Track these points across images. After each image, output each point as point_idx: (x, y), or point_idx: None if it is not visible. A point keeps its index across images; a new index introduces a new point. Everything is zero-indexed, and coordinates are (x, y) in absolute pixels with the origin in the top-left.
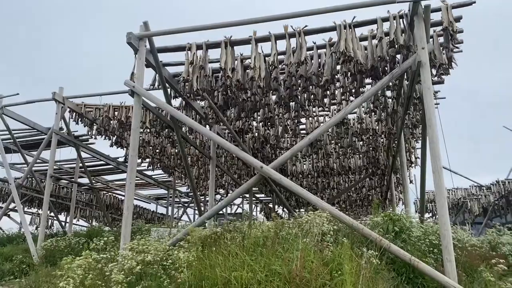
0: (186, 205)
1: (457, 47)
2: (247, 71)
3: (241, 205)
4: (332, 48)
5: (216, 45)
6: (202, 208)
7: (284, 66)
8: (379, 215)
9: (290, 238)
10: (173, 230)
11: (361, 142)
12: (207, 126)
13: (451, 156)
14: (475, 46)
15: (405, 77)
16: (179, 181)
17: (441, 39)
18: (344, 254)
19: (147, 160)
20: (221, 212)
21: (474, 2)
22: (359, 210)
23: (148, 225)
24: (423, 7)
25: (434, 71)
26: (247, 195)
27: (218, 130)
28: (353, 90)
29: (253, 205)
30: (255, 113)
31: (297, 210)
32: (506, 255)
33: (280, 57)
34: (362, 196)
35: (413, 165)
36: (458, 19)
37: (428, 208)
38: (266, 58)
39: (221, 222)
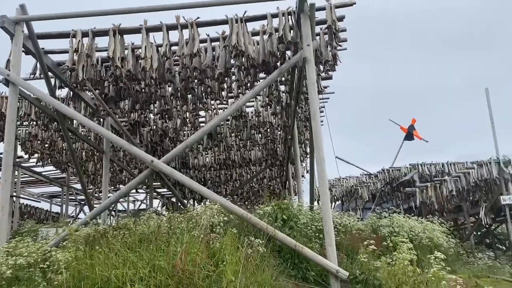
0: (83, 203)
1: (340, 45)
2: (140, 61)
3: (144, 201)
4: (225, 41)
5: (104, 32)
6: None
7: (178, 57)
8: (269, 205)
9: (177, 232)
10: (59, 230)
11: (259, 135)
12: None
13: (346, 147)
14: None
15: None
16: (74, 177)
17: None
18: (226, 245)
19: (36, 155)
20: (123, 209)
21: (355, 3)
22: (262, 200)
23: (38, 226)
24: (308, 5)
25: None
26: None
27: (113, 123)
28: (249, 84)
29: (163, 200)
30: (151, 105)
31: (202, 203)
32: (385, 237)
33: (174, 48)
34: (264, 187)
35: (308, 156)
36: (341, 19)
37: None
38: (159, 48)
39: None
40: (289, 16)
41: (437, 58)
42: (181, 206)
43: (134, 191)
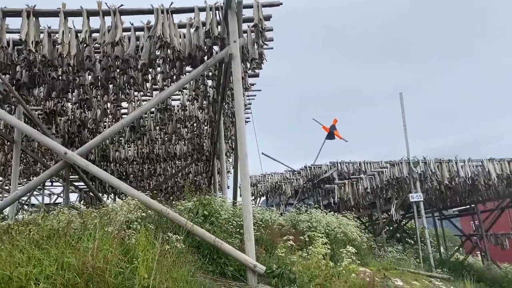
0: None
1: (266, 44)
2: (57, 46)
3: (61, 195)
4: (149, 31)
5: (16, 13)
6: None
7: (99, 45)
8: (191, 200)
9: (90, 228)
10: None
11: (185, 129)
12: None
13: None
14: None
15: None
16: None
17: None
18: (141, 241)
19: None
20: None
21: (281, 4)
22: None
23: None
24: (236, 2)
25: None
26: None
27: (27, 111)
28: (174, 77)
29: (81, 194)
30: (69, 94)
31: (124, 198)
32: (304, 231)
33: (95, 35)
34: (189, 182)
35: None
36: (267, 18)
37: (251, 192)
38: (78, 34)
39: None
40: (217, 11)
41: (361, 60)
42: (98, 201)
43: (50, 184)
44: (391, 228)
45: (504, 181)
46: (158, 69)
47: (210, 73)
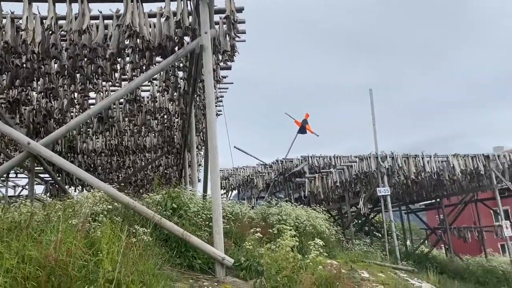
0: None
1: (238, 37)
2: (20, 33)
3: (26, 187)
4: (118, 20)
5: None
6: None
7: (65, 32)
8: (160, 193)
9: (54, 220)
10: None
11: (155, 121)
12: None
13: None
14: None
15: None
16: None
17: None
18: (105, 234)
19: None
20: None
21: None
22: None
23: None
24: None
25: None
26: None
27: None
28: (144, 67)
29: (47, 186)
30: (34, 82)
31: (91, 190)
32: (274, 224)
33: (61, 22)
34: (159, 175)
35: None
36: (240, 10)
37: (222, 185)
38: (44, 21)
39: None
40: (188, 1)
41: (336, 55)
42: (64, 193)
43: (14, 176)
44: (359, 221)
45: (468, 176)
46: (127, 59)
47: (181, 64)
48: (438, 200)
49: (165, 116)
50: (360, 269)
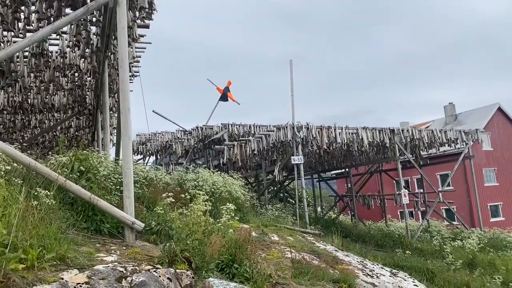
0: None
1: None
2: None
3: None
4: None
5: None
6: None
7: None
8: (67, 155)
9: None
10: None
11: (65, 78)
12: None
13: (166, 102)
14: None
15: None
16: None
17: None
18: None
19: None
20: None
21: None
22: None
23: None
24: None
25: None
26: None
27: None
28: (52, 19)
29: None
30: None
31: None
32: (188, 189)
33: None
34: (70, 137)
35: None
36: None
37: (140, 150)
38: None
39: None
40: None
41: (262, 25)
42: None
43: None
44: (274, 188)
45: (374, 148)
46: (33, 7)
47: (94, 19)
48: (347, 169)
49: (76, 74)
50: (271, 232)
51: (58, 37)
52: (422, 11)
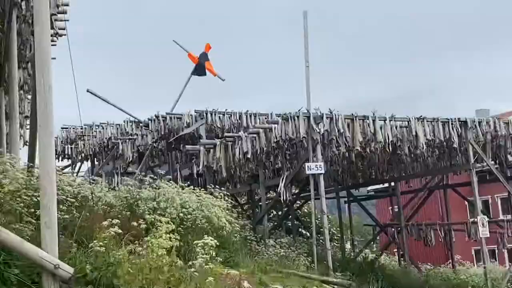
0: None
1: None
2: None
3: None
4: None
5: None
6: None
7: None
8: None
9: None
10: None
11: None
12: None
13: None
14: None
15: None
16: None
17: None
18: None
19: None
20: None
21: None
22: None
23: None
24: None
25: None
26: None
27: None
28: None
29: None
30: None
31: None
32: (144, 214)
33: None
34: None
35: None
36: None
37: (66, 152)
38: None
39: None
40: None
41: None
42: None
43: None
44: (279, 213)
45: (436, 151)
46: None
47: None
48: (392, 184)
49: None
50: (273, 282)
51: None
52: None
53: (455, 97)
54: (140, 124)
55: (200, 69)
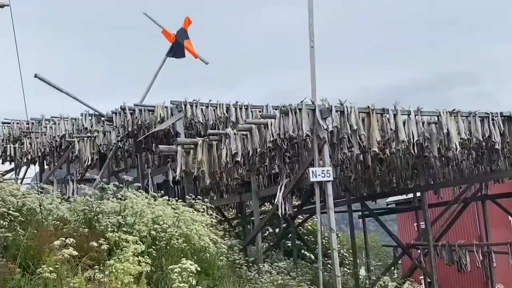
0: None
1: None
2: None
3: None
4: None
5: None
6: None
7: None
8: None
9: None
10: None
11: None
12: None
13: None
14: None
15: None
16: None
17: None
18: None
19: None
20: None
21: None
22: None
23: None
24: None
25: None
26: None
27: None
28: None
29: None
30: None
31: None
32: (106, 232)
33: None
34: None
35: None
36: None
37: (6, 153)
38: None
39: None
40: None
41: None
42: None
43: None
44: (276, 230)
45: (472, 153)
46: None
47: None
48: (418, 194)
49: None
50: None
51: None
52: None
53: (497, 85)
54: (102, 119)
55: (177, 50)
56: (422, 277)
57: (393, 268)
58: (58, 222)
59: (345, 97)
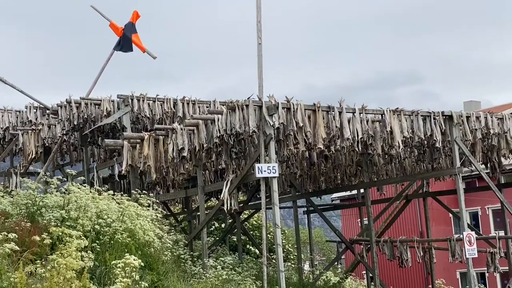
0: None
1: None
2: None
3: None
4: None
5: None
6: None
7: None
8: None
9: None
10: None
11: None
12: None
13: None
14: None
15: None
16: None
17: None
18: None
19: None
20: None
21: None
22: None
23: None
24: None
25: None
26: None
27: None
28: None
29: None
30: None
31: None
32: (49, 226)
33: None
34: None
35: None
36: None
37: None
38: None
39: None
40: None
41: None
42: None
43: None
44: (222, 225)
45: (414, 151)
46: None
47: None
48: (361, 191)
49: None
50: None
51: None
52: None
53: (442, 84)
54: (47, 111)
55: (125, 44)
56: (365, 272)
57: (336, 263)
58: (0, 216)
59: (292, 95)
